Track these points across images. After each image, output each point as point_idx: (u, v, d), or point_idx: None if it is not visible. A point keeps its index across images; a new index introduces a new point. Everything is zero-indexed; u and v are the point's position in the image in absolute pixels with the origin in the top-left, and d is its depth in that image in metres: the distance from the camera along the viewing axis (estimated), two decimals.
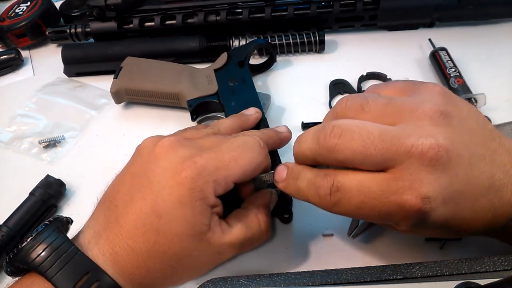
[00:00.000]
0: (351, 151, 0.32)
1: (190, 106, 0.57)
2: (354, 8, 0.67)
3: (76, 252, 0.34)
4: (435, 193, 0.30)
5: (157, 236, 0.35)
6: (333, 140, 0.32)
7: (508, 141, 0.34)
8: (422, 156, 0.30)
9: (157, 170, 0.36)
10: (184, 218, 0.35)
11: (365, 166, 0.32)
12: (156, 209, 0.35)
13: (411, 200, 0.30)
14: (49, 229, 0.35)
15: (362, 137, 0.31)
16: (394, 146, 0.31)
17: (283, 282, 0.35)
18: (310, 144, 0.34)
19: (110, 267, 0.34)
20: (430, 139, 0.30)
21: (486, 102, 0.54)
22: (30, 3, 0.76)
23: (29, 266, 0.33)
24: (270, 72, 0.67)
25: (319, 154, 0.34)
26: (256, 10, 0.69)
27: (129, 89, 0.60)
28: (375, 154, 0.31)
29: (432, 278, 0.33)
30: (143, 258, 0.35)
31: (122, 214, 0.36)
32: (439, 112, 0.32)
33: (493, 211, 0.33)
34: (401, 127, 0.32)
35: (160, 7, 0.69)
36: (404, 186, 0.30)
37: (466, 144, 0.32)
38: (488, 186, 0.32)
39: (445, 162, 0.30)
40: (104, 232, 0.36)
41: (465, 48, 0.65)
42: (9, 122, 0.63)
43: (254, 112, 0.50)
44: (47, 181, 0.52)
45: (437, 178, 0.30)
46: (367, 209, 0.32)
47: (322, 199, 0.34)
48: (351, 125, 0.32)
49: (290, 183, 0.37)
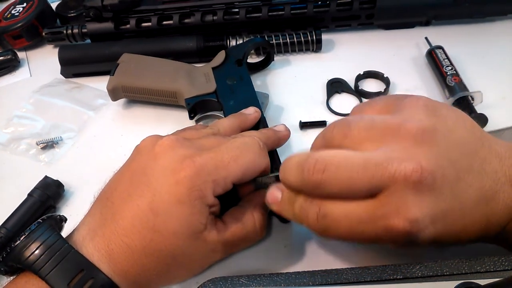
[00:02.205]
0: (336, 186, 0.32)
1: (188, 104, 0.56)
2: (350, 7, 0.67)
3: (70, 250, 0.34)
4: (422, 214, 0.30)
5: (154, 234, 0.35)
6: (317, 175, 0.32)
7: (500, 146, 0.34)
8: (406, 180, 0.30)
9: (156, 169, 0.36)
10: (182, 217, 0.35)
11: (351, 196, 0.32)
12: (153, 207, 0.35)
13: (399, 224, 0.30)
14: (42, 227, 0.35)
15: (346, 170, 0.31)
16: (378, 173, 0.30)
17: (283, 282, 0.35)
18: (295, 177, 0.34)
19: (105, 264, 0.34)
20: (413, 163, 0.30)
21: (482, 99, 0.54)
22: (26, 4, 0.76)
23: (22, 265, 0.33)
24: (267, 72, 0.67)
25: (304, 187, 0.34)
26: (253, 10, 0.69)
27: (126, 86, 0.60)
28: (360, 184, 0.31)
29: (432, 278, 0.33)
30: (139, 255, 0.35)
31: (118, 211, 0.36)
32: (422, 129, 0.32)
33: (486, 220, 0.33)
34: (383, 151, 0.32)
35: (157, 7, 0.69)
36: (391, 211, 0.30)
37: (452, 160, 0.32)
38: (477, 199, 0.32)
39: (430, 183, 0.30)
40: (100, 228, 0.36)
41: (462, 46, 0.65)
42: (6, 123, 0.63)
43: (253, 112, 0.50)
44: (45, 182, 0.52)
45: (423, 200, 0.30)
46: (356, 234, 0.32)
47: (311, 225, 0.34)
48: (334, 158, 0.32)
49: (285, 209, 0.37)
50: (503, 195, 0.32)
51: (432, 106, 0.35)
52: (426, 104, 0.35)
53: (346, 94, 0.61)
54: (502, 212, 0.32)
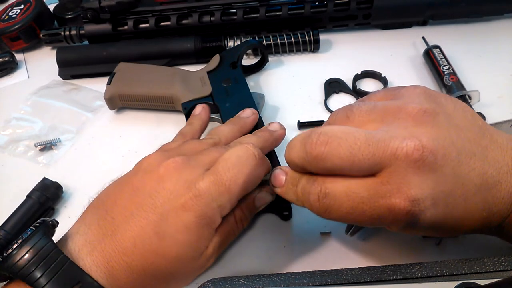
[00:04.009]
0: (338, 158, 0.31)
1: (185, 109, 0.57)
2: (348, 7, 0.68)
3: (66, 261, 0.33)
4: (423, 195, 0.30)
5: (156, 257, 0.35)
6: (319, 148, 0.32)
7: (501, 137, 0.34)
8: (408, 158, 0.30)
9: (162, 193, 0.36)
10: (188, 243, 0.35)
11: (353, 172, 0.32)
12: (158, 231, 0.35)
13: (400, 203, 0.30)
14: (36, 234, 0.33)
15: (348, 143, 0.31)
16: (380, 150, 0.31)
17: (283, 282, 0.35)
18: (298, 152, 0.34)
19: (104, 279, 0.34)
20: (414, 140, 0.30)
21: (480, 98, 0.55)
22: (24, 6, 0.76)
23: (15, 275, 0.32)
24: (265, 73, 0.67)
25: (307, 162, 0.34)
26: (250, 11, 0.69)
27: (123, 94, 0.60)
28: (362, 159, 0.31)
29: (432, 278, 0.33)
30: (139, 275, 0.35)
31: (119, 229, 0.35)
32: (423, 110, 0.32)
33: (488, 209, 0.32)
34: (385, 130, 0.32)
35: (154, 9, 0.69)
36: (392, 190, 0.30)
37: (453, 141, 0.32)
38: (479, 183, 0.32)
39: (431, 163, 0.30)
40: (99, 244, 0.35)
41: (458, 45, 0.66)
42: (4, 125, 0.63)
43: (251, 114, 0.50)
44: (44, 183, 0.52)
45: (425, 179, 0.30)
46: (357, 214, 0.32)
47: (313, 206, 0.34)
48: (337, 132, 0.32)
49: (290, 189, 0.37)
50: (506, 185, 0.32)
51: (430, 93, 0.35)
52: (425, 91, 0.35)
53: (344, 94, 0.61)
54: (504, 201, 0.32)
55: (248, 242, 0.46)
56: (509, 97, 0.58)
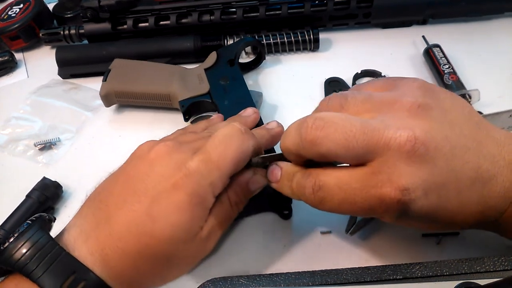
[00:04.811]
0: (333, 143, 0.32)
1: (183, 106, 0.57)
2: (348, 6, 0.68)
3: (61, 252, 0.33)
4: (414, 184, 0.30)
5: (150, 239, 0.34)
6: (315, 132, 0.32)
7: (498, 132, 0.34)
8: (400, 148, 0.30)
9: (153, 176, 0.36)
10: (181, 224, 0.35)
11: (347, 159, 0.32)
12: (151, 213, 0.35)
13: (390, 192, 0.30)
14: (32, 228, 0.34)
15: (344, 129, 0.31)
16: (374, 139, 0.31)
17: (283, 282, 0.35)
18: (293, 138, 0.34)
19: (99, 267, 0.34)
20: (408, 131, 0.31)
21: (480, 98, 0.55)
22: (23, 5, 0.76)
23: (12, 267, 0.32)
24: (265, 71, 0.67)
25: (302, 148, 0.34)
26: (250, 10, 0.69)
27: (119, 91, 0.60)
28: (357, 146, 0.31)
29: (432, 278, 0.33)
30: (134, 259, 0.35)
31: (113, 215, 0.35)
32: (417, 104, 0.33)
33: (483, 202, 0.32)
34: (380, 119, 0.32)
35: (154, 8, 0.69)
36: (383, 179, 0.31)
37: (447, 136, 0.32)
38: (474, 177, 0.32)
39: (423, 154, 0.30)
40: (93, 232, 0.35)
41: (459, 44, 0.65)
42: (4, 125, 0.63)
43: (252, 113, 0.49)
44: (44, 183, 0.52)
45: (416, 170, 0.30)
46: (350, 204, 0.33)
47: (308, 199, 0.35)
48: (334, 117, 0.32)
49: (285, 184, 0.37)
50: (502, 179, 0.32)
51: (428, 88, 0.35)
52: (423, 85, 0.35)
53: None
54: (500, 196, 0.32)
55: (248, 242, 0.46)
56: (509, 96, 0.58)
